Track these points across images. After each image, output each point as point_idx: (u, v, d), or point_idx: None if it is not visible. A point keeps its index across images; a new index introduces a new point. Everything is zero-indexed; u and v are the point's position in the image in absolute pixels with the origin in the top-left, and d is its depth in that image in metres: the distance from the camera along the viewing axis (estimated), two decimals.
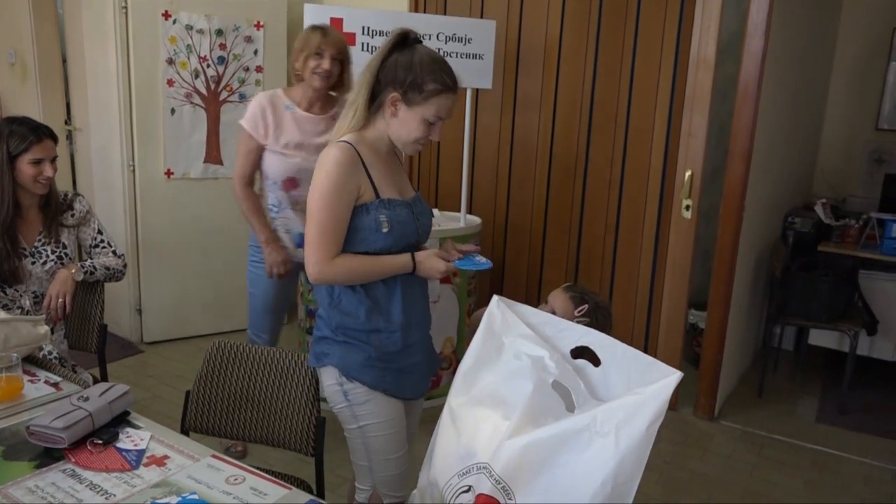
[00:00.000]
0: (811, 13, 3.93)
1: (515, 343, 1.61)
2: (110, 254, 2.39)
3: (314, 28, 2.58)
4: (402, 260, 1.72)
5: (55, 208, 2.24)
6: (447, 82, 1.67)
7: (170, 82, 3.78)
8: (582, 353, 1.61)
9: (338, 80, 2.59)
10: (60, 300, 2.17)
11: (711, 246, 3.46)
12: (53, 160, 2.22)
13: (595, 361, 1.60)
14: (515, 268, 3.98)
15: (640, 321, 3.64)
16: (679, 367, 1.43)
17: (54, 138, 2.25)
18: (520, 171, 3.90)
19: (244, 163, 2.65)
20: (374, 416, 1.78)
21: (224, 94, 3.95)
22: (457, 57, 3.25)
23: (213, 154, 3.98)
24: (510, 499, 1.40)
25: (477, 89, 3.72)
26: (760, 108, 3.15)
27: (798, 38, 3.70)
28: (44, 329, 1.86)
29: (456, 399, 1.62)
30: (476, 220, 3.57)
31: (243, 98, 3.99)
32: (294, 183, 2.63)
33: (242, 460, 1.68)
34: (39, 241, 2.20)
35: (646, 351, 1.52)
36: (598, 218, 3.69)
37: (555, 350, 1.60)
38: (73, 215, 2.27)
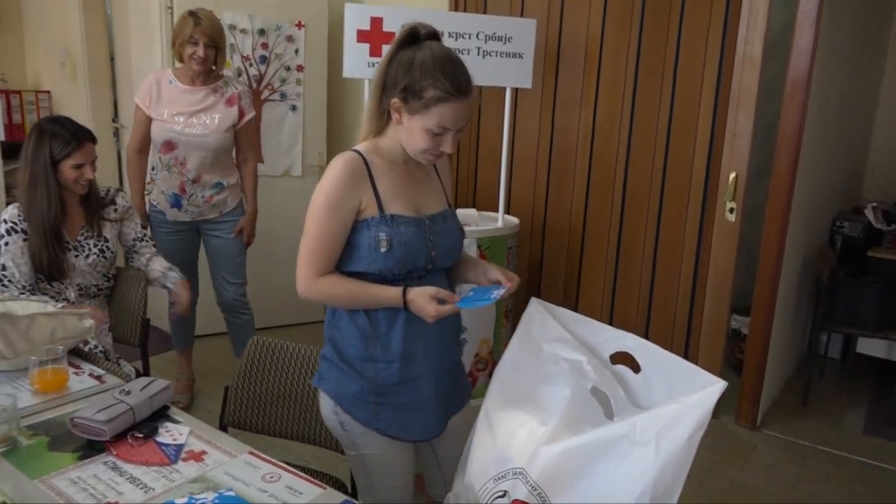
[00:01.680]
0: (863, 8, 3.81)
1: (553, 347, 1.59)
2: (160, 258, 2.46)
3: (189, 14, 2.88)
4: (392, 293, 1.50)
5: (96, 203, 2.31)
6: (448, 88, 1.42)
7: None
8: (622, 358, 1.58)
9: (214, 59, 2.96)
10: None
11: (756, 248, 3.38)
12: (93, 162, 2.28)
13: (635, 368, 1.58)
14: (553, 269, 3.94)
15: (680, 325, 3.58)
16: (720, 374, 1.40)
17: (94, 140, 2.32)
18: (559, 171, 3.86)
19: (135, 131, 3.05)
20: (372, 448, 1.63)
21: (266, 93, 3.99)
22: (496, 56, 3.23)
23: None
24: None
25: (516, 89, 3.70)
26: (809, 106, 3.06)
27: (849, 34, 3.59)
28: (89, 323, 1.90)
29: (492, 402, 1.61)
30: (514, 220, 3.54)
31: (284, 97, 4.03)
32: (170, 146, 2.97)
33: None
34: (82, 234, 2.26)
35: (686, 356, 1.49)
36: (639, 219, 3.63)
37: (593, 355, 1.58)
38: (115, 209, 2.33)
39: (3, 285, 2.21)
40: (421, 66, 1.43)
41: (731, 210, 3.16)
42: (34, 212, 2.20)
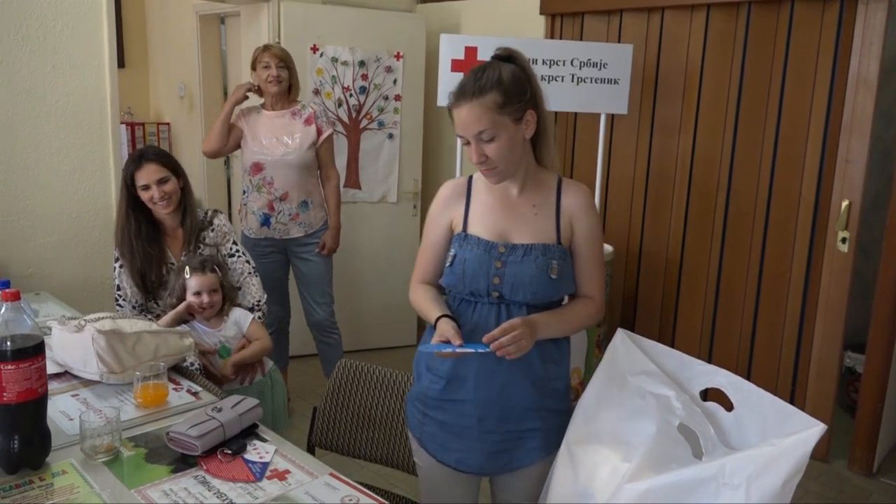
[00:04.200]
0: None
1: (639, 380, 1.54)
2: (252, 276, 2.47)
3: (260, 47, 3.21)
4: (432, 315, 1.57)
5: (192, 225, 2.37)
6: (453, 93, 1.52)
7: None
8: (713, 395, 1.50)
9: (289, 82, 3.19)
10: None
11: (872, 282, 3.15)
12: (161, 182, 2.27)
13: (727, 406, 1.50)
14: (649, 299, 3.81)
15: (786, 364, 3.36)
16: (832, 416, 1.30)
17: (160, 161, 2.30)
18: (656, 199, 3.75)
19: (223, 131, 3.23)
20: (420, 460, 1.71)
21: (364, 122, 4.12)
22: (591, 82, 3.20)
23: (352, 179, 4.15)
24: None
25: (612, 115, 3.64)
26: None
27: None
28: (189, 341, 2.00)
29: (574, 435, 1.57)
30: (608, 248, 3.47)
31: (382, 125, 4.15)
32: (259, 167, 3.17)
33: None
34: (185, 255, 2.37)
35: (793, 397, 1.40)
36: (741, 250, 3.46)
37: (682, 390, 1.51)
38: (212, 230, 2.41)
39: (119, 304, 2.37)
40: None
41: (844, 240, 2.97)
42: (124, 235, 2.31)
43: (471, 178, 1.66)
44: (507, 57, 1.53)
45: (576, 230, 1.60)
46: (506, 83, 1.47)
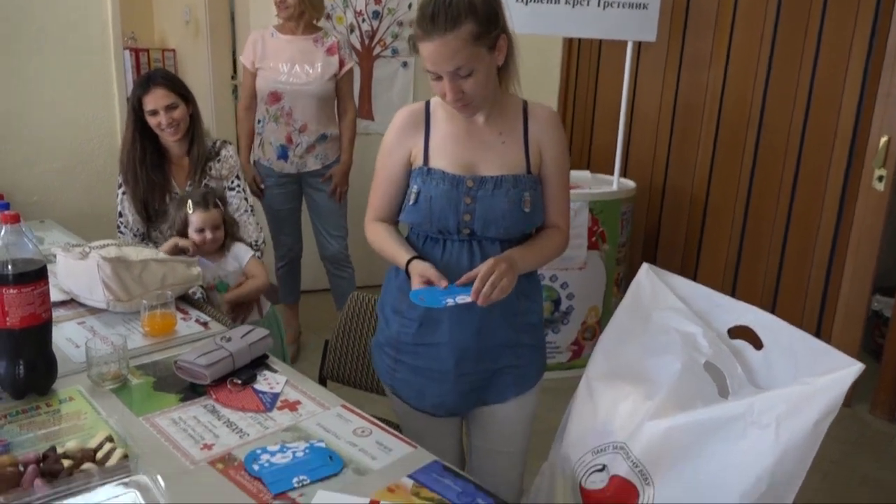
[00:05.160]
0: None
1: (664, 317, 1.50)
2: (248, 214, 2.41)
3: None
4: (401, 258, 1.48)
5: (199, 154, 2.31)
6: (417, 25, 1.36)
7: None
8: (742, 333, 1.46)
9: (302, 6, 2.99)
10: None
11: None
12: (169, 108, 2.20)
13: (757, 344, 1.46)
14: (671, 239, 3.76)
15: (812, 305, 3.32)
16: (857, 359, 1.25)
17: (169, 86, 2.22)
18: (682, 133, 3.65)
19: (243, 88, 3.15)
20: (397, 408, 1.67)
21: (377, 49, 4.00)
22: (618, 7, 3.06)
23: (365, 109, 4.06)
24: (648, 484, 1.30)
25: (639, 44, 3.50)
26: None
27: None
28: (196, 270, 1.97)
29: (594, 371, 1.54)
30: (630, 183, 3.40)
31: (395, 53, 4.02)
32: (276, 97, 3.04)
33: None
34: (190, 185, 2.32)
35: (818, 338, 1.35)
36: (771, 187, 3.38)
37: (709, 327, 1.47)
38: (219, 161, 2.36)
39: (121, 231, 2.34)
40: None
41: (881, 178, 2.87)
42: (129, 160, 2.26)
43: (428, 103, 1.54)
44: None
45: (545, 157, 1.52)
46: (479, 9, 1.34)
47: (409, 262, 1.46)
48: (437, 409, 1.60)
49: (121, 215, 2.34)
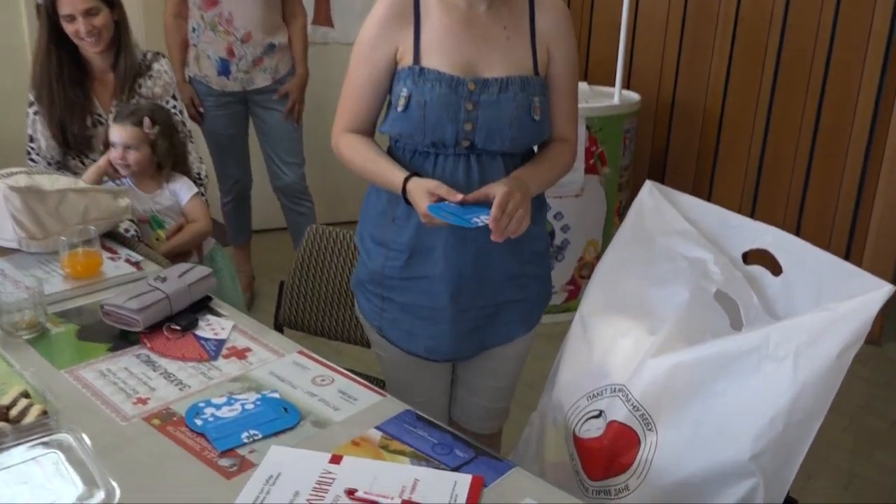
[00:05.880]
0: None
1: (670, 241, 1.50)
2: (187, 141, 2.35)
3: None
4: (396, 177, 1.41)
5: (126, 68, 2.25)
6: None
7: None
8: (758, 258, 1.47)
9: None
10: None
11: None
12: (88, 13, 2.13)
13: (775, 269, 1.46)
14: (681, 159, 3.77)
15: (840, 230, 3.36)
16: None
17: None
18: (694, 39, 3.62)
19: None
20: (382, 351, 1.65)
21: None
22: None
23: (321, 14, 3.96)
24: (650, 429, 1.32)
25: None
26: None
27: None
28: (125, 202, 1.94)
29: (589, 306, 1.55)
30: (634, 96, 3.37)
31: None
32: (213, 0, 2.91)
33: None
34: (115, 105, 2.27)
35: None
36: (795, 97, 3.37)
37: (721, 252, 1.48)
38: (150, 77, 2.30)
39: (32, 159, 2.29)
40: None
41: None
42: (43, 75, 2.20)
43: None
44: None
45: (554, 57, 1.48)
46: None
47: (406, 179, 1.41)
48: (430, 353, 1.58)
49: (31, 140, 2.28)
